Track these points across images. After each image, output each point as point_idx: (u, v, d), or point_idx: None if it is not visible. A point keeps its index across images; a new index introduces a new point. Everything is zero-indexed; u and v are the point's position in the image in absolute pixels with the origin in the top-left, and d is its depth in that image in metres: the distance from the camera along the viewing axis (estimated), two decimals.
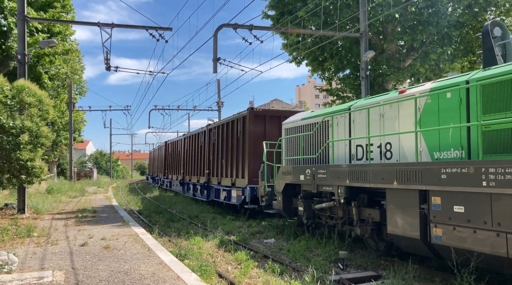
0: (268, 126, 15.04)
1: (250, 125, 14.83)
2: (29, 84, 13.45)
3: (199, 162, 21.18)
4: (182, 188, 24.94)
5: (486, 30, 7.92)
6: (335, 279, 6.77)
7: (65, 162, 45.61)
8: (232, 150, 16.29)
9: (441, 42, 18.52)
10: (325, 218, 9.91)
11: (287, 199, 11.21)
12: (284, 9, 20.41)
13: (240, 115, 15.75)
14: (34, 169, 12.47)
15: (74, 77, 37.63)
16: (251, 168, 14.40)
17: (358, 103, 9.36)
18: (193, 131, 23.46)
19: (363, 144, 8.83)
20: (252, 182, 14.16)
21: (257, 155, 14.22)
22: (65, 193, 25.76)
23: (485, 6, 17.01)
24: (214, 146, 18.54)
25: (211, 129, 19.41)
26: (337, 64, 21.21)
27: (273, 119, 15.19)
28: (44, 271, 7.16)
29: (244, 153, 15.14)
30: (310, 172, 9.69)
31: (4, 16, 18.13)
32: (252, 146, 14.64)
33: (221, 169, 17.53)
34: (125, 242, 9.83)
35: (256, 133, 14.82)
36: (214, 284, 6.87)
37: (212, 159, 18.72)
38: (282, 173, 11.06)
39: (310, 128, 10.62)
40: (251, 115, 14.95)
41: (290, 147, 11.55)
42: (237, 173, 15.67)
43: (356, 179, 8.14)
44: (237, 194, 15.02)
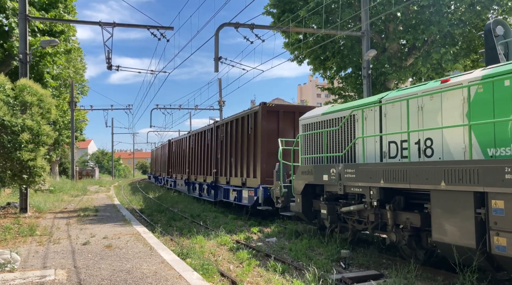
0: (282, 123, 14.13)
1: (263, 121, 13.83)
2: (31, 83, 13.47)
3: (205, 161, 20.36)
4: (187, 187, 24.19)
5: (489, 28, 7.90)
6: (337, 278, 6.76)
7: (67, 161, 45.66)
8: (242, 148, 15.45)
9: (443, 41, 18.49)
10: (352, 222, 9.02)
11: (307, 201, 10.28)
12: (286, 7, 20.41)
13: (251, 110, 14.79)
14: (35, 168, 12.48)
15: (76, 76, 37.69)
16: (264, 167, 13.55)
17: (390, 95, 8.44)
18: (199, 129, 22.61)
19: (397, 140, 7.90)
20: (265, 182, 13.35)
21: (271, 153, 13.50)
22: (67, 192, 25.81)
23: (487, 5, 16.96)
24: (222, 144, 17.73)
25: (218, 126, 18.52)
26: (338, 63, 21.20)
27: (287, 115, 14.28)
28: (46, 269, 7.17)
29: (256, 151, 14.23)
30: (335, 172, 8.76)
31: (6, 16, 18.17)
32: (265, 143, 13.76)
33: (230, 168, 16.68)
34: (127, 241, 9.85)
35: (269, 129, 13.90)
36: (216, 283, 6.88)
37: (220, 157, 17.88)
38: (302, 172, 10.13)
39: (333, 123, 9.68)
40: (263, 111, 13.96)
41: (310, 144, 10.63)
42: (248, 172, 14.78)
43: (392, 179, 7.23)
44: (249, 195, 14.10)
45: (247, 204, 14.36)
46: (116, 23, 16.71)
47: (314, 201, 10.22)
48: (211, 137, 19.42)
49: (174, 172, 28.83)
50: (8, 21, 18.07)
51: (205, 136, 20.68)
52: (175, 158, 28.82)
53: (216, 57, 16.43)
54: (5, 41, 18.51)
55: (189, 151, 23.97)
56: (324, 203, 9.50)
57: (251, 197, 13.85)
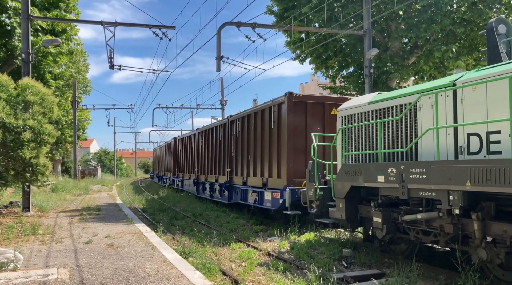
0: (310, 115, 12.55)
1: (289, 114, 12.27)
2: (33, 82, 13.50)
3: (217, 159, 18.76)
4: (196, 188, 22.48)
5: (491, 27, 7.88)
6: (339, 277, 6.77)
7: (70, 161, 45.76)
8: (262, 144, 13.89)
9: (445, 39, 18.46)
10: (415, 233, 7.42)
11: (351, 206, 8.68)
12: (289, 4, 20.42)
13: (274, 102, 13.18)
14: (38, 166, 12.52)
15: (78, 77, 37.80)
16: (290, 166, 12.06)
17: (467, 76, 6.95)
18: (210, 125, 20.97)
19: (480, 132, 6.45)
20: (292, 182, 11.92)
21: (298, 150, 12.20)
22: (69, 191, 25.88)
23: (490, 4, 16.92)
24: (238, 140, 16.18)
25: (233, 121, 16.84)
26: (340, 62, 21.19)
27: (316, 107, 12.66)
28: (49, 268, 7.20)
29: (280, 148, 12.71)
30: (395, 172, 7.21)
31: (8, 15, 18.22)
32: (291, 139, 12.22)
33: (247, 167, 15.11)
34: (129, 240, 9.87)
35: (295, 123, 12.34)
36: (218, 281, 6.89)
37: (235, 155, 16.36)
38: (346, 172, 8.56)
39: (386, 113, 8.17)
40: (290, 102, 12.31)
41: (355, 139, 9.01)
42: (271, 172, 13.22)
43: (485, 181, 5.67)
44: (273, 197, 12.50)
45: (270, 208, 12.75)
46: (118, 23, 16.73)
47: (360, 206, 8.65)
48: (224, 133, 17.92)
49: (181, 172, 27.64)
50: (10, 20, 18.13)
51: (216, 132, 19.16)
52: (182, 156, 27.55)
53: (218, 56, 16.44)
54: (7, 40, 18.57)
55: (198, 149, 22.54)
56: (377, 210, 7.86)
57: (276, 200, 12.30)
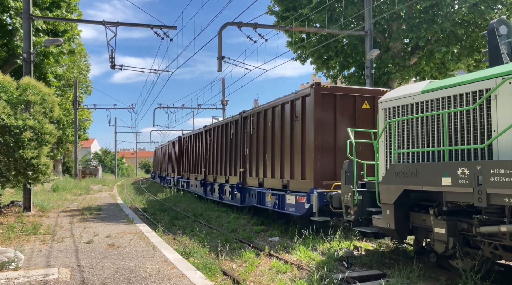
0: (339, 110, 11.22)
1: (316, 108, 10.88)
2: (34, 82, 13.52)
3: (228, 159, 17.49)
4: (203, 189, 21.10)
5: (492, 28, 7.88)
6: (340, 278, 6.77)
7: (70, 160, 45.78)
8: (283, 142, 12.59)
9: (446, 40, 18.45)
10: (492, 248, 6.32)
11: (401, 213, 7.52)
12: (289, 5, 20.44)
13: (297, 95, 11.84)
14: (39, 166, 12.54)
15: (79, 77, 37.86)
16: (317, 166, 10.74)
17: None
18: (219, 122, 19.70)
19: None
20: (319, 185, 10.59)
21: (325, 149, 10.93)
22: (70, 191, 25.91)
23: (491, 4, 16.91)
24: (252, 138, 14.94)
25: (246, 117, 15.58)
26: (342, 62, 21.22)
27: (345, 100, 11.31)
28: (50, 268, 7.21)
29: (304, 146, 11.36)
30: (468, 173, 6.15)
31: (9, 15, 18.26)
32: (318, 136, 10.87)
33: (263, 167, 13.84)
34: (130, 239, 9.88)
35: (323, 118, 11.00)
36: (219, 282, 6.89)
37: (250, 154, 15.11)
38: (397, 174, 7.42)
39: (447, 104, 6.90)
40: (317, 94, 10.91)
41: (406, 134, 7.82)
42: (292, 173, 11.95)
43: None
44: (297, 201, 11.15)
45: (294, 213, 11.40)
46: (120, 23, 16.76)
47: (412, 214, 7.53)
48: (236, 130, 16.63)
49: (186, 172, 26.31)
50: (12, 20, 18.17)
51: (227, 129, 17.87)
52: (187, 156, 26.21)
53: (219, 56, 16.46)
54: (9, 40, 18.60)
55: (206, 147, 21.19)
56: (440, 219, 6.65)
57: (301, 205, 10.95)
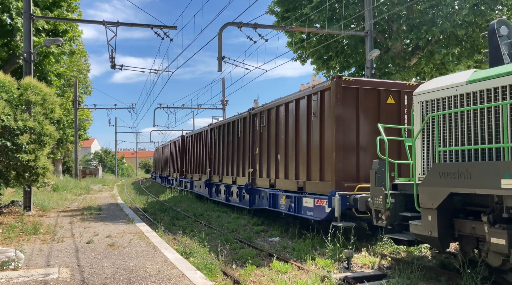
0: (363, 105, 10.22)
1: (337, 103, 9.90)
2: (35, 81, 13.51)
3: (236, 158, 16.66)
4: (208, 190, 20.18)
5: (493, 28, 7.88)
6: (340, 278, 6.77)
7: (71, 160, 45.79)
8: (297, 141, 11.75)
9: (446, 41, 18.45)
10: None
11: (445, 219, 6.71)
12: (290, 5, 20.46)
13: (315, 89, 10.88)
14: (37, 168, 12.52)
15: (79, 76, 37.89)
16: (339, 167, 9.84)
17: None
18: (226, 120, 18.80)
19: None
20: (341, 187, 9.70)
21: (347, 148, 10.02)
22: (70, 191, 25.91)
23: (492, 5, 16.91)
24: (263, 136, 14.12)
25: (256, 114, 14.69)
26: (342, 63, 21.23)
27: (369, 94, 10.31)
28: (50, 268, 7.21)
29: (323, 145, 10.44)
30: None
31: (10, 15, 18.27)
32: (340, 133, 9.93)
33: (275, 167, 12.99)
34: (130, 239, 9.88)
35: (345, 114, 10.04)
36: (219, 282, 6.89)
37: (259, 153, 14.34)
38: (441, 174, 6.57)
39: (500, 95, 6.10)
40: (338, 88, 9.93)
41: (451, 130, 6.93)
42: (309, 174, 11.06)
43: None
44: (316, 205, 10.26)
45: (313, 218, 10.44)
46: (120, 23, 16.76)
47: (457, 221, 6.77)
48: (244, 128, 15.81)
49: (189, 172, 25.40)
50: (12, 20, 18.17)
51: (234, 128, 17.06)
52: (191, 155, 25.29)
53: (220, 57, 16.45)
54: (9, 40, 18.61)
55: (211, 147, 20.33)
56: (499, 228, 5.90)
57: (320, 209, 10.05)
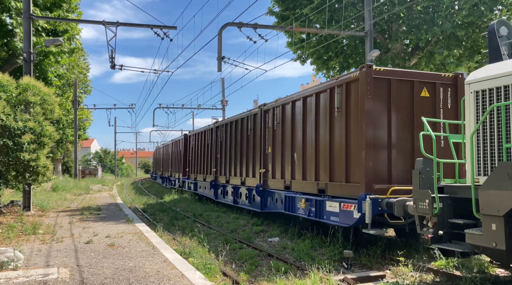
0: (394, 99, 9.02)
1: (368, 95, 8.71)
2: (34, 82, 13.51)
3: (244, 158, 15.57)
4: (214, 192, 19.08)
5: (492, 29, 7.88)
6: (339, 278, 6.77)
7: (70, 160, 45.80)
8: (318, 138, 10.45)
9: (446, 41, 18.46)
10: None
11: None
12: (289, 5, 20.47)
13: (339, 81, 9.64)
14: (38, 167, 12.52)
15: (79, 76, 37.90)
16: (369, 167, 8.66)
17: None
18: (233, 117, 17.49)
19: None
20: (372, 190, 8.54)
21: (378, 146, 8.83)
22: (70, 191, 25.90)
23: (491, 5, 16.92)
24: (276, 134, 12.94)
25: (268, 110, 13.59)
26: (342, 63, 21.23)
27: (402, 86, 9.11)
28: (49, 268, 7.20)
29: (349, 142, 9.27)
30: None
31: (10, 15, 18.26)
32: (371, 129, 8.73)
33: (291, 167, 11.80)
34: (130, 240, 9.87)
35: (376, 108, 8.84)
36: (218, 282, 6.89)
37: (272, 153, 13.23)
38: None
39: None
40: (368, 78, 8.75)
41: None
42: (332, 175, 9.83)
43: None
44: (342, 209, 9.04)
45: (337, 224, 9.24)
46: (120, 23, 16.76)
47: None
48: (254, 126, 14.76)
49: (193, 172, 24.32)
50: (12, 20, 18.16)
51: (242, 125, 16.04)
52: (194, 155, 24.12)
53: (219, 57, 16.45)
54: (9, 40, 18.59)
55: (217, 146, 19.29)
56: None
57: (348, 214, 8.88)
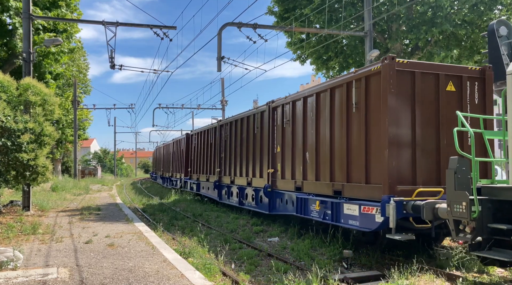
0: (419, 93, 8.27)
1: (391, 90, 8.02)
2: (35, 82, 13.50)
3: (251, 158, 14.80)
4: (217, 192, 18.33)
5: (492, 29, 7.90)
6: (339, 278, 6.76)
7: (70, 160, 45.80)
8: (333, 136, 9.75)
9: (446, 41, 18.47)
10: None
11: None
12: (289, 5, 20.46)
13: (358, 74, 8.90)
14: (37, 167, 12.51)
15: (79, 76, 37.89)
16: (393, 167, 7.94)
17: None
18: (238, 115, 16.63)
19: None
20: (395, 191, 7.82)
21: (401, 145, 8.10)
22: (69, 191, 25.88)
23: (491, 5, 16.92)
24: (285, 133, 12.29)
25: (276, 107, 12.86)
26: (341, 63, 21.24)
27: (426, 80, 8.37)
28: (49, 268, 7.19)
29: (370, 140, 8.54)
30: None
31: (9, 15, 18.25)
32: (393, 126, 8.02)
33: (303, 167, 11.08)
34: (129, 239, 9.87)
35: (399, 104, 8.12)
36: (218, 282, 6.88)
37: (282, 152, 12.49)
38: None
39: None
40: (391, 71, 8.08)
41: None
42: (350, 175, 9.12)
43: None
44: (363, 212, 8.37)
45: (357, 228, 8.60)
46: (119, 23, 16.76)
47: None
48: (262, 124, 14.02)
49: (195, 172, 23.58)
50: (11, 20, 18.15)
51: (248, 124, 15.31)
52: (197, 154, 23.26)
53: (219, 57, 16.45)
54: (8, 39, 18.59)
55: (221, 145, 18.60)
56: None
57: (369, 217, 8.18)
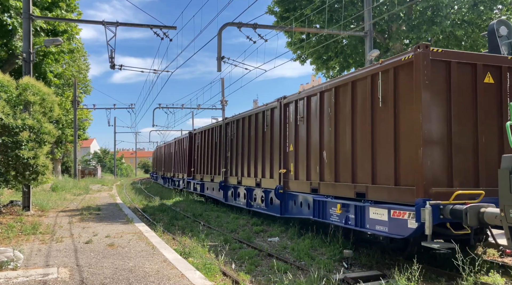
0: (455, 85, 7.51)
1: (425, 81, 7.25)
2: (34, 81, 13.50)
3: (260, 157, 14.01)
4: (223, 193, 17.51)
5: (492, 29, 7.89)
6: (339, 278, 6.76)
7: (70, 160, 45.80)
8: (354, 134, 8.98)
9: (446, 41, 18.47)
10: None
11: None
12: (289, 5, 20.47)
13: (384, 66, 8.17)
14: (37, 166, 12.51)
15: (79, 76, 37.89)
16: (427, 166, 7.12)
17: None
18: (245, 113, 15.79)
19: None
20: (430, 194, 7.01)
21: (436, 142, 7.31)
22: (69, 191, 25.87)
23: (490, 5, 16.92)
24: (298, 130, 11.46)
25: (288, 103, 12.05)
26: (341, 63, 21.25)
27: (462, 71, 7.60)
28: (49, 268, 7.19)
29: (399, 137, 7.71)
30: None
31: (9, 15, 18.25)
32: (428, 122, 7.22)
33: (319, 167, 10.16)
34: (130, 239, 9.86)
35: (433, 97, 7.36)
36: (218, 282, 6.88)
37: (294, 151, 11.60)
38: None
39: None
40: (425, 61, 7.28)
41: None
42: (375, 176, 8.28)
43: None
44: (392, 217, 7.50)
45: (387, 234, 7.76)
46: (119, 23, 16.75)
47: None
48: (272, 122, 13.28)
49: (199, 172, 22.67)
50: (11, 20, 18.15)
51: (257, 121, 14.49)
52: (201, 154, 22.33)
53: (219, 57, 16.44)
54: (8, 40, 18.58)
55: (227, 144, 17.82)
56: None
57: (401, 223, 7.32)
